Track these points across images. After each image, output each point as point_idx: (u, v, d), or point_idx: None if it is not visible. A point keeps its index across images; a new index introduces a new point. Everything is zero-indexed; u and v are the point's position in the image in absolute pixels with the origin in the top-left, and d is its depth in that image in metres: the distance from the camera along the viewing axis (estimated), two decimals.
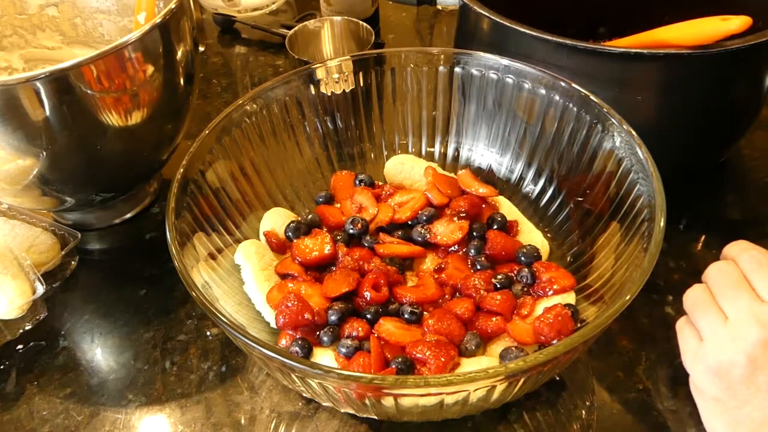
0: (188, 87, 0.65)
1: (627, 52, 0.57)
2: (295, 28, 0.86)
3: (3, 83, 0.50)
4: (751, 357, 0.41)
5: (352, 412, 0.49)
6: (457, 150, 0.68)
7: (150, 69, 0.57)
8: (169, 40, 0.59)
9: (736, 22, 0.56)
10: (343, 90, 0.65)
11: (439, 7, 1.00)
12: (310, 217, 0.62)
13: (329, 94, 0.65)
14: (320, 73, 0.63)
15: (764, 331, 0.41)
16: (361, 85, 0.66)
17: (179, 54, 0.61)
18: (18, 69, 0.74)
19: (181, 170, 0.52)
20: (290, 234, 0.59)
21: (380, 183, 0.66)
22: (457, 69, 0.64)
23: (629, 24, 0.70)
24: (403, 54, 0.65)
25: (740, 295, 0.43)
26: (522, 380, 0.42)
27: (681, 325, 0.47)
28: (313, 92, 0.64)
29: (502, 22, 0.61)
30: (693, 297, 0.46)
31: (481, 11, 0.63)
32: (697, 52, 0.57)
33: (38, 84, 0.51)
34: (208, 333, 0.60)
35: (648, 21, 0.66)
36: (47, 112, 0.52)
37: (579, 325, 0.50)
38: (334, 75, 0.64)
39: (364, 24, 0.87)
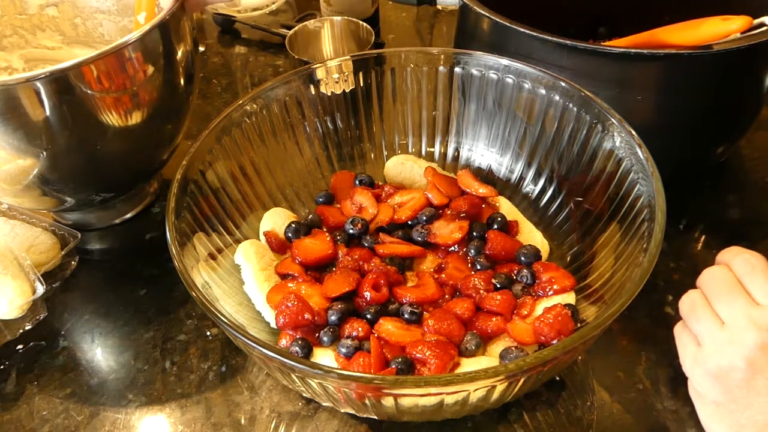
0: (188, 87, 0.65)
1: (627, 52, 0.57)
2: (295, 28, 0.86)
3: (3, 83, 0.50)
4: (749, 361, 0.41)
5: (352, 412, 0.49)
6: (457, 150, 0.68)
7: (150, 69, 0.57)
8: (169, 40, 0.59)
9: (737, 22, 0.56)
10: (343, 90, 0.65)
11: (439, 7, 1.00)
12: (310, 217, 0.62)
13: (329, 94, 0.65)
14: (320, 73, 0.63)
15: (762, 334, 0.41)
16: (361, 85, 0.66)
17: (179, 54, 0.61)
18: (18, 69, 0.74)
19: (181, 170, 0.52)
20: (290, 234, 0.59)
21: (380, 183, 0.66)
22: (457, 69, 0.64)
23: (629, 24, 0.70)
24: (403, 54, 0.64)
25: (735, 299, 0.43)
26: (522, 380, 0.42)
27: (678, 330, 0.47)
28: (313, 92, 0.64)
29: (502, 22, 0.61)
30: (688, 302, 0.46)
31: (481, 11, 0.63)
32: (697, 52, 0.57)
33: (38, 84, 0.51)
34: (208, 333, 0.60)
35: (648, 21, 0.66)
36: (47, 112, 0.53)
37: (579, 325, 0.50)
38: (334, 75, 0.64)
39: (364, 24, 0.87)
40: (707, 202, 0.70)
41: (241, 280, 0.55)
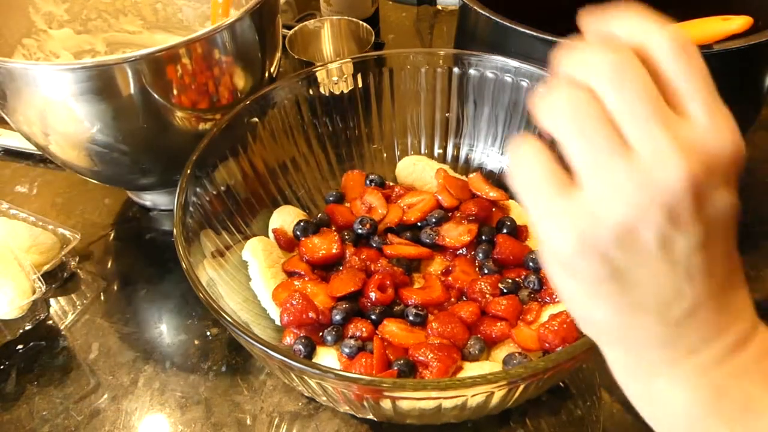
0: (273, 72, 0.65)
1: None
2: (295, 28, 0.86)
3: (100, 63, 0.51)
4: (670, 208, 0.26)
5: (351, 412, 0.49)
6: (469, 153, 0.68)
7: (241, 53, 0.58)
8: (260, 26, 0.59)
9: (737, 22, 0.56)
10: (355, 89, 0.65)
11: (439, 7, 1.00)
12: (319, 216, 0.62)
13: (338, 93, 0.64)
14: (333, 73, 0.63)
15: (692, 165, 0.26)
16: (374, 85, 0.65)
17: (268, 38, 0.62)
18: (100, 52, 0.75)
19: (190, 165, 0.52)
20: (298, 232, 0.59)
21: (391, 183, 0.66)
22: (472, 71, 0.63)
23: None
24: (411, 55, 0.64)
25: (655, 112, 0.26)
26: (521, 387, 0.42)
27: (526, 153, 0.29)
28: (324, 92, 0.63)
29: (502, 22, 0.61)
30: (570, 104, 0.27)
31: (481, 11, 0.62)
32: None
33: (133, 65, 0.52)
34: (208, 333, 0.60)
35: None
36: (139, 93, 0.54)
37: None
38: (335, 77, 0.64)
39: (364, 24, 0.87)
40: None
41: (248, 277, 0.55)
